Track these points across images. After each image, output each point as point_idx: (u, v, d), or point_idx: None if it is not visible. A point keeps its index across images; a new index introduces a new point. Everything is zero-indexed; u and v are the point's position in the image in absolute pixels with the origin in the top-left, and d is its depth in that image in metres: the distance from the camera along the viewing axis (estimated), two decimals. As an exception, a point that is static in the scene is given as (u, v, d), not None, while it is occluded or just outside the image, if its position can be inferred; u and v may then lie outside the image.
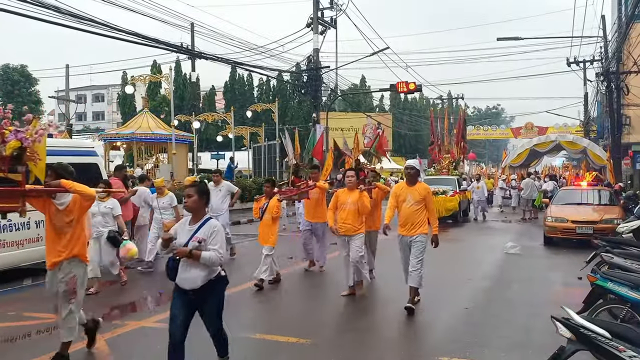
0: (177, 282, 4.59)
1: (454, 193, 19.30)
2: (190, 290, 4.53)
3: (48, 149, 10.18)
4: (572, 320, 3.75)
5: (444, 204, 18.37)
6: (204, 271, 4.52)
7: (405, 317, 6.96)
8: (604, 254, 6.66)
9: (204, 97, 48.97)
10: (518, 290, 8.68)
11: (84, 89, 71.89)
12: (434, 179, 20.73)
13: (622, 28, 20.73)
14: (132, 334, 6.36)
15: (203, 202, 4.68)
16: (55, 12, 13.00)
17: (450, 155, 23.91)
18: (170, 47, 20.03)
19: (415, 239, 7.18)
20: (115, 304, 8.00)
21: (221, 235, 4.61)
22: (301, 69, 30.74)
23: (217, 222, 4.72)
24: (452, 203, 18.82)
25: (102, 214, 8.46)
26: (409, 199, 7.17)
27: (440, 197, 18.43)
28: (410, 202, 7.16)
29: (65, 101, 33.39)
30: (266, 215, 8.76)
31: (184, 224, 4.75)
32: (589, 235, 12.51)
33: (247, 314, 7.33)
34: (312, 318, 7.13)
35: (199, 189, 4.69)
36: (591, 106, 37.57)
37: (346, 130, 46.71)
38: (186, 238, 4.57)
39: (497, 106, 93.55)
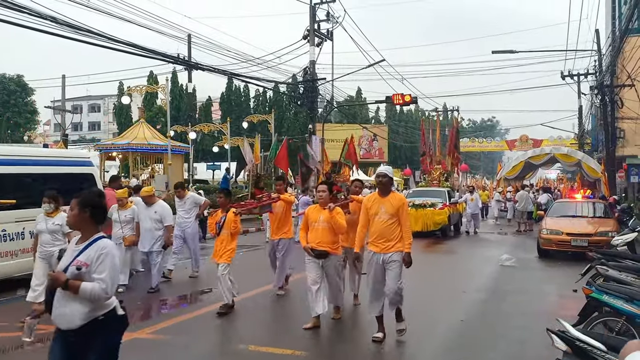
0: (52, 319, 3.52)
1: (443, 206, 18.68)
2: (67, 330, 3.44)
3: (44, 159, 10.28)
4: (568, 333, 3.75)
5: (432, 217, 18.03)
6: (85, 307, 3.41)
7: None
8: (599, 266, 6.67)
9: (201, 107, 48.98)
10: (513, 302, 8.67)
11: (80, 99, 71.91)
12: (424, 191, 20.50)
13: (615, 42, 20.91)
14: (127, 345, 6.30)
15: (87, 217, 3.56)
16: (52, 23, 13.03)
17: (441, 167, 23.46)
18: (167, 57, 20.09)
19: (391, 258, 6.27)
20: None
21: (111, 261, 3.48)
22: (297, 80, 30.85)
23: (109, 242, 3.61)
24: (440, 216, 18.22)
25: (50, 231, 7.49)
26: (381, 211, 6.33)
27: (429, 209, 18.17)
28: (384, 216, 6.31)
29: (61, 111, 33.33)
30: (224, 231, 7.81)
31: (72, 242, 3.72)
32: (584, 247, 12.51)
33: (242, 326, 7.30)
34: (307, 330, 7.10)
35: (80, 201, 3.58)
36: (585, 119, 37.79)
37: (342, 141, 46.89)
38: (67, 261, 3.51)
39: (492, 119, 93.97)
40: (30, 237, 9.48)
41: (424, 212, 18.09)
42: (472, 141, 57.95)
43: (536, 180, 44.64)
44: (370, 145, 49.79)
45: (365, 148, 49.57)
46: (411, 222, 17.05)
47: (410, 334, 6.75)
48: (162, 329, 6.83)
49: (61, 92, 33.87)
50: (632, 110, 22.65)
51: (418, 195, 19.59)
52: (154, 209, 9.63)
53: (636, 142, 25.96)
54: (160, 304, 8.74)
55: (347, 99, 46.42)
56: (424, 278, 11.33)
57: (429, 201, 18.42)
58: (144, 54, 17.37)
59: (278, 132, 42.43)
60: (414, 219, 17.12)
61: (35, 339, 4.27)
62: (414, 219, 17.12)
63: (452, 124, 31.76)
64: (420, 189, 21.43)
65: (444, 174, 23.07)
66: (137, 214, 9.59)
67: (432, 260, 13.84)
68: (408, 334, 6.65)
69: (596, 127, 34.12)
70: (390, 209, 6.30)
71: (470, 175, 74.78)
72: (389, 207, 6.31)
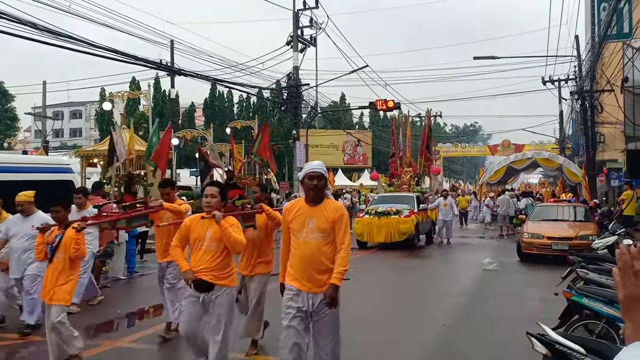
0: None
1: (410, 213, 16.87)
2: None
3: (22, 166, 10.15)
4: (548, 337, 3.77)
5: (397, 227, 16.33)
6: None
7: (383, 334, 6.93)
8: (579, 269, 6.73)
9: (184, 113, 48.79)
10: (495, 306, 8.72)
11: (62, 106, 71.21)
12: (390, 197, 18.92)
13: (595, 48, 21.20)
14: (108, 353, 6.23)
15: None
16: (33, 29, 12.89)
17: (412, 169, 21.56)
18: (149, 63, 19.97)
19: (323, 299, 4.21)
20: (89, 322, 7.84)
21: None
22: (281, 86, 30.87)
23: None
24: (406, 225, 16.42)
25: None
26: (309, 227, 4.24)
27: (393, 217, 16.56)
28: (313, 234, 4.22)
29: (41, 118, 32.99)
30: (58, 255, 5.46)
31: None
32: (565, 251, 12.65)
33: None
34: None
35: None
36: (566, 124, 38.25)
37: (326, 147, 46.99)
38: None
39: (474, 124, 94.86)
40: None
41: (387, 220, 16.52)
42: (454, 146, 58.31)
43: (518, 185, 45.05)
44: (354, 150, 49.97)
45: (350, 153, 49.74)
46: (373, 232, 16.43)
47: (392, 340, 6.75)
48: (142, 338, 6.74)
49: (42, 99, 33.55)
50: (612, 115, 22.96)
51: (383, 202, 18.07)
52: (31, 221, 7.11)
53: (616, 147, 26.31)
54: (141, 312, 8.65)
55: (331, 104, 46.55)
56: (406, 283, 11.38)
57: (393, 208, 16.91)
58: (125, 59, 17.26)
59: (262, 137, 42.40)
60: (377, 229, 16.40)
61: None
62: (377, 229, 16.40)
63: (425, 121, 28.48)
64: (387, 195, 19.80)
65: (414, 178, 21.41)
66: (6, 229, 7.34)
67: (415, 264, 13.89)
68: (390, 340, 6.65)
69: (577, 131, 34.54)
70: (323, 224, 4.23)
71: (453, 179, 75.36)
72: (322, 221, 4.24)
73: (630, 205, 16.01)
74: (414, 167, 21.81)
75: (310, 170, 4.35)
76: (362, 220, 17.07)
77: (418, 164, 22.35)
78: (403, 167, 21.57)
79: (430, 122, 25.54)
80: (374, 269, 12.89)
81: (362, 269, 12.57)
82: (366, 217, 17.00)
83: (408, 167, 21.58)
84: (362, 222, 16.99)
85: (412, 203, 17.72)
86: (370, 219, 16.73)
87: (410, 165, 21.73)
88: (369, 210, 17.47)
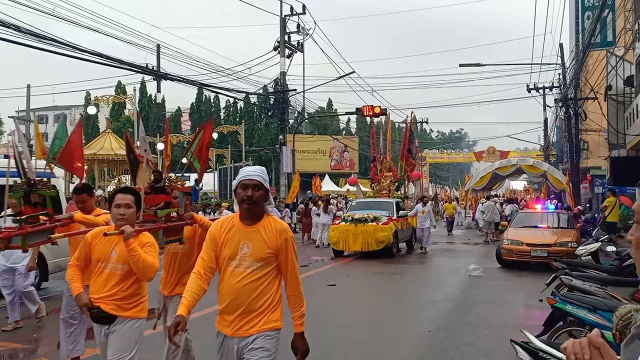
0: None
1: (388, 220, 15.99)
2: None
3: (1, 170, 9.95)
4: (531, 344, 3.76)
5: (375, 234, 15.49)
6: None
7: (367, 341, 6.89)
8: (563, 276, 6.74)
9: (170, 118, 48.58)
10: (480, 312, 8.72)
11: (46, 109, 70.50)
12: (368, 202, 18.12)
13: (579, 56, 21.44)
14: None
15: None
16: (16, 32, 12.75)
17: (392, 174, 20.56)
18: (135, 67, 19.85)
19: (254, 345, 3.21)
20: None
21: None
22: (268, 91, 30.84)
23: None
24: (384, 233, 15.55)
25: None
26: (242, 253, 3.23)
27: (370, 225, 15.70)
28: (246, 261, 3.21)
29: (25, 121, 32.64)
30: None
31: None
32: (544, 258, 12.76)
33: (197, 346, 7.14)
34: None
35: None
36: (551, 131, 38.65)
37: (313, 152, 47.00)
38: None
39: (460, 130, 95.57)
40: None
41: (364, 228, 15.68)
42: (441, 152, 58.74)
43: (503, 191, 45.36)
44: (341, 156, 50.02)
45: (337, 159, 49.77)
46: (349, 240, 15.74)
47: (376, 346, 6.71)
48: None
49: (26, 102, 33.20)
50: (595, 122, 23.23)
51: (361, 208, 17.21)
52: None
53: (600, 154, 26.62)
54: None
55: (318, 110, 46.58)
56: (390, 289, 11.36)
57: (370, 215, 16.07)
58: (110, 63, 17.15)
59: (249, 143, 42.37)
60: (353, 237, 15.62)
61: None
62: (353, 237, 15.62)
63: (405, 124, 26.23)
64: (365, 200, 19.02)
65: (394, 182, 20.44)
66: None
67: (398, 270, 13.87)
68: (374, 347, 6.61)
69: (561, 139, 34.90)
70: (262, 250, 3.20)
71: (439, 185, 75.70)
72: (260, 245, 3.21)
73: (613, 212, 16.17)
74: (394, 171, 20.83)
75: (244, 177, 3.23)
76: (338, 227, 16.21)
77: (399, 169, 21.49)
78: (383, 171, 20.60)
79: (412, 126, 24.35)
80: (356, 276, 12.85)
81: (342, 277, 12.55)
82: (342, 224, 16.16)
83: (388, 171, 20.57)
84: (337, 229, 16.15)
85: (391, 209, 16.88)
86: (346, 226, 15.95)
87: (391, 169, 20.73)
88: (344, 217, 16.67)
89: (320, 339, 7.24)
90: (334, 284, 11.18)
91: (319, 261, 15.27)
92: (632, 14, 18.39)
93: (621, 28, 18.84)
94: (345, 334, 7.52)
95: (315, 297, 10.38)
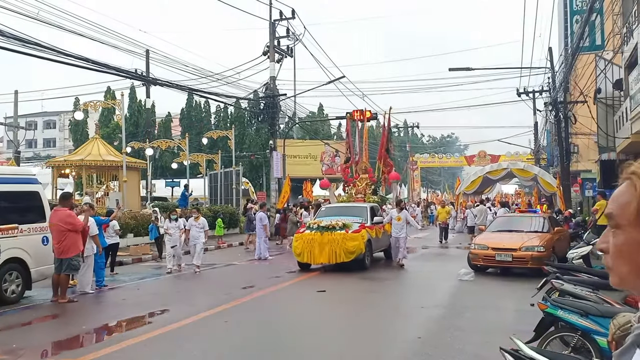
0: None
1: (360, 227, 14.08)
2: None
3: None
4: (521, 352, 3.64)
5: (343, 244, 13.47)
6: None
7: (356, 348, 6.76)
8: (554, 280, 6.65)
9: (160, 123, 48.32)
10: (471, 317, 8.60)
11: (35, 115, 69.99)
12: (340, 208, 16.13)
13: (568, 59, 21.47)
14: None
15: None
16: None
17: (368, 176, 18.34)
18: (123, 72, 19.68)
19: None
20: (51, 338, 7.53)
21: None
22: (258, 96, 30.71)
23: None
24: (354, 242, 13.55)
25: None
26: None
27: (339, 233, 13.60)
28: None
29: (13, 128, 32.30)
30: None
31: None
32: (509, 262, 12.69)
33: (194, 351, 6.98)
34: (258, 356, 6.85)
35: None
36: (541, 135, 38.72)
37: (304, 157, 46.87)
38: None
39: (451, 135, 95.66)
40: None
41: (331, 236, 13.59)
42: (432, 157, 58.84)
43: (494, 195, 45.40)
44: (332, 161, 49.88)
45: (328, 164, 49.64)
46: (314, 251, 13.89)
47: (366, 353, 6.58)
48: (106, 355, 6.46)
49: (14, 108, 32.84)
50: (585, 126, 23.25)
51: (331, 214, 15.25)
52: None
53: (590, 157, 26.65)
54: (106, 328, 8.35)
55: (309, 115, 46.48)
56: (379, 294, 11.23)
57: (339, 222, 14.08)
58: (97, 68, 16.96)
59: (239, 148, 42.19)
60: (318, 247, 13.56)
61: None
62: (318, 247, 13.56)
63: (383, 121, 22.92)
64: (335, 206, 16.96)
65: (371, 185, 18.15)
66: None
67: (388, 275, 13.73)
68: (364, 354, 6.47)
69: (551, 142, 34.98)
70: None
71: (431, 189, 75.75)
72: None
73: (603, 215, 16.12)
74: (370, 173, 18.66)
75: None
76: (302, 236, 14.04)
77: (376, 170, 19.20)
78: (358, 173, 18.53)
79: (389, 123, 21.61)
80: (342, 282, 12.67)
81: (328, 283, 12.40)
82: (307, 233, 14.03)
83: (364, 173, 18.42)
84: (301, 238, 13.98)
85: (364, 215, 15.02)
86: (311, 234, 13.83)
87: (367, 171, 18.57)
88: (309, 224, 14.74)
89: (306, 348, 7.10)
90: (323, 290, 11.05)
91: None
92: (620, 17, 18.44)
93: (609, 31, 18.86)
94: (333, 341, 7.37)
95: (303, 304, 10.25)
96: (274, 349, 6.91)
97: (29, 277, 10.16)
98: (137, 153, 30.57)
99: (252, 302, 9.99)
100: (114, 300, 10.71)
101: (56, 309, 9.50)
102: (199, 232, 14.23)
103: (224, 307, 9.23)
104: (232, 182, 28.37)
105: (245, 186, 35.95)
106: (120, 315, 9.06)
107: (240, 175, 29.39)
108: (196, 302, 9.99)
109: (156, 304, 9.96)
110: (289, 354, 6.71)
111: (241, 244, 21.42)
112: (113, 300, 10.66)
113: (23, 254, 10.03)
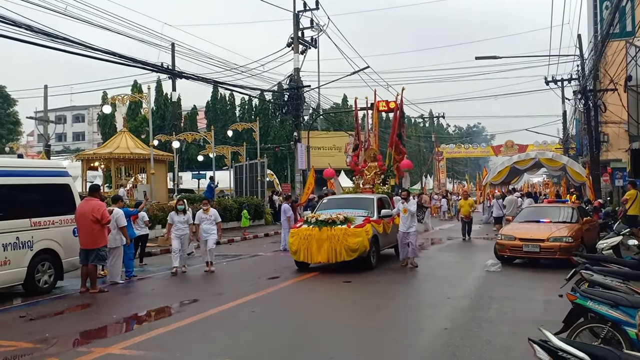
0: None
1: (364, 221, 12.52)
2: None
3: (16, 170, 10.02)
4: (550, 343, 3.60)
5: (344, 240, 11.95)
6: None
7: (382, 339, 6.77)
8: (583, 271, 6.56)
9: (186, 116, 48.78)
10: (498, 308, 8.53)
11: (64, 110, 71.32)
12: (344, 200, 14.48)
13: (597, 47, 21.02)
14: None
15: None
16: (28, 31, 12.79)
17: (377, 164, 16.35)
18: (150, 66, 19.90)
19: None
20: (82, 327, 7.70)
21: None
22: (283, 88, 30.76)
23: None
24: (357, 238, 11.99)
25: None
26: None
27: (339, 228, 12.10)
28: None
29: (43, 122, 32.95)
30: None
31: None
32: (536, 253, 12.50)
33: (222, 340, 7.07)
34: (289, 344, 6.91)
35: None
36: (570, 124, 38.07)
37: (328, 149, 46.86)
38: None
39: (477, 124, 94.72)
40: (3, 250, 9.28)
41: (331, 232, 12.13)
42: (458, 147, 58.27)
43: (521, 185, 44.85)
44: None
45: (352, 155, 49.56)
46: (312, 249, 12.50)
47: (392, 343, 6.59)
48: (136, 344, 6.59)
49: (43, 103, 33.51)
50: (615, 114, 22.77)
51: (334, 207, 13.60)
52: None
53: (620, 146, 26.09)
54: (136, 318, 8.51)
55: (333, 106, 46.39)
56: (405, 285, 11.20)
57: (341, 215, 12.54)
58: (125, 62, 17.20)
59: (264, 140, 42.36)
60: (316, 244, 12.13)
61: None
62: (316, 244, 12.13)
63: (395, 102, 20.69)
64: (339, 197, 15.22)
65: (380, 175, 16.13)
66: None
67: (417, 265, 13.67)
68: (390, 343, 6.48)
69: (580, 131, 34.34)
70: None
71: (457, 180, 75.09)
72: None
73: (634, 205, 15.78)
74: (380, 161, 16.63)
75: None
76: (299, 231, 12.54)
77: (387, 158, 16.93)
78: (367, 161, 16.53)
79: (402, 105, 19.12)
80: (367, 273, 12.63)
81: (353, 274, 12.37)
82: (303, 228, 12.57)
83: (373, 161, 16.40)
84: (298, 234, 12.47)
85: (371, 208, 13.47)
86: (309, 230, 12.38)
87: (376, 158, 16.55)
88: (308, 218, 13.22)
89: (332, 337, 7.15)
90: (349, 281, 11.08)
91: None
92: (652, 2, 17.96)
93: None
94: (358, 330, 7.39)
95: (328, 294, 10.29)
96: (301, 338, 6.97)
97: (61, 267, 10.42)
98: (164, 146, 30.94)
99: (278, 292, 10.09)
100: (144, 290, 10.91)
101: (87, 299, 9.71)
102: (210, 226, 12.81)
103: (252, 297, 9.34)
104: (257, 174, 28.53)
105: (270, 178, 36.12)
106: (150, 305, 9.23)
107: (265, 167, 29.54)
108: (224, 292, 10.11)
109: (185, 294, 10.14)
110: (316, 342, 6.76)
111: (267, 235, 21.53)
112: (142, 291, 10.86)
113: (55, 245, 10.28)
